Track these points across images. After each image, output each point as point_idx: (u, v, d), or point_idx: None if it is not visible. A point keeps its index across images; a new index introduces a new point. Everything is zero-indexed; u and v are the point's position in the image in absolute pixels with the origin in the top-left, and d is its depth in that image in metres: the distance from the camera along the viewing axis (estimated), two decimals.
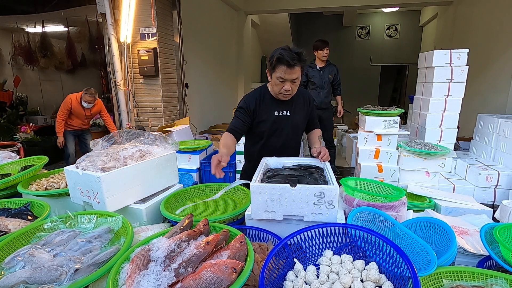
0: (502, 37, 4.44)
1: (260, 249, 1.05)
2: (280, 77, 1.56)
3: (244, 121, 1.72)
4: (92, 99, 4.06)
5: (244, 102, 1.74)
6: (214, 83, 6.54)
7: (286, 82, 1.58)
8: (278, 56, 1.52)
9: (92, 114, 4.30)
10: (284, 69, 1.52)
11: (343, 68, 10.61)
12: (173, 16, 4.56)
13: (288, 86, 1.58)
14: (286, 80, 1.57)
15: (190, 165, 3.39)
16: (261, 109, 1.72)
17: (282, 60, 1.51)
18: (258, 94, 1.74)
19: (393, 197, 1.27)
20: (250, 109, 1.71)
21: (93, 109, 4.25)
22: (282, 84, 1.59)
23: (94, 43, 5.84)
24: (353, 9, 8.63)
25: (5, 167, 1.86)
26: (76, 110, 4.15)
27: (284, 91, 1.60)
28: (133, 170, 1.34)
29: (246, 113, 1.72)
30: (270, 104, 1.73)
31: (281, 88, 1.60)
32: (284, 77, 1.55)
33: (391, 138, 2.93)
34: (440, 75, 2.95)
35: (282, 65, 1.52)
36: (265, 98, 1.73)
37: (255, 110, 1.72)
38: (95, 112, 4.31)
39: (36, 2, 5.26)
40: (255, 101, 1.72)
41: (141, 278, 0.79)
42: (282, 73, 1.54)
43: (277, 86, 1.61)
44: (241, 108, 1.73)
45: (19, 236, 1.05)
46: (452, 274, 0.88)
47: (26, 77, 6.79)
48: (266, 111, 1.72)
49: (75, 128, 4.34)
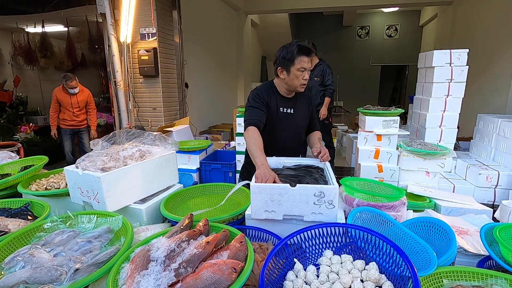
0: (502, 37, 4.44)
1: (260, 249, 1.05)
2: (302, 67, 1.61)
3: (264, 111, 1.68)
4: (74, 83, 4.09)
5: (257, 94, 1.72)
6: (214, 83, 6.54)
7: (306, 71, 1.63)
8: (297, 47, 1.59)
9: (79, 103, 4.28)
10: (305, 58, 1.60)
11: (343, 68, 10.67)
12: (173, 16, 4.56)
13: (307, 74, 1.65)
14: (306, 69, 1.63)
15: (190, 165, 3.39)
16: (270, 103, 1.74)
17: (303, 50, 1.59)
18: (268, 87, 1.77)
19: (393, 197, 1.27)
20: (265, 99, 1.71)
21: (79, 97, 4.25)
22: (303, 73, 1.63)
23: (94, 43, 5.84)
24: (353, 9, 8.63)
25: (5, 167, 1.86)
26: (63, 100, 4.23)
27: (304, 80, 1.65)
28: (133, 170, 1.34)
29: (263, 102, 1.70)
30: (276, 100, 1.76)
31: (301, 78, 1.64)
32: (305, 67, 1.62)
33: (391, 138, 2.93)
34: (440, 75, 2.95)
35: (303, 55, 1.59)
36: (274, 94, 1.76)
37: (268, 102, 1.73)
38: (82, 100, 4.29)
39: (36, 2, 5.26)
40: (267, 93, 1.74)
41: (141, 278, 0.79)
42: (303, 63, 1.61)
43: (298, 78, 1.64)
44: (258, 98, 1.70)
45: (19, 236, 1.05)
46: (452, 274, 0.88)
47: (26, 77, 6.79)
48: (273, 106, 1.75)
49: (69, 123, 4.35)
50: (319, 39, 10.72)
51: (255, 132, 1.56)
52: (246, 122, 1.64)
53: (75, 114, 4.32)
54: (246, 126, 1.62)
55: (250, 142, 1.52)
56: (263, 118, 1.66)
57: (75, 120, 4.35)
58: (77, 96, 4.23)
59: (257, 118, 1.63)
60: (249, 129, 1.59)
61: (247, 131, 1.59)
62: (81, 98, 4.28)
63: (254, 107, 1.67)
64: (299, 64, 1.60)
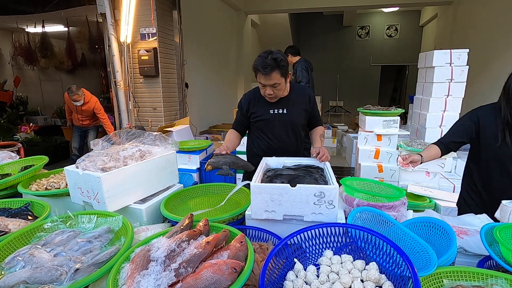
0: (502, 36, 4.44)
1: (260, 249, 1.05)
2: (260, 82, 1.66)
3: (240, 120, 1.90)
4: (76, 97, 4.19)
5: (240, 102, 1.90)
6: (214, 83, 6.54)
7: (267, 87, 1.66)
8: (253, 64, 1.63)
9: (83, 112, 4.43)
10: (261, 76, 1.61)
11: (343, 68, 10.68)
12: (173, 16, 4.56)
13: (269, 90, 1.66)
14: (266, 85, 1.65)
15: (190, 165, 3.38)
16: (255, 108, 1.82)
17: (257, 67, 1.60)
18: (253, 94, 1.86)
19: (393, 197, 1.27)
20: (243, 109, 1.86)
21: (84, 107, 4.36)
22: (264, 88, 1.68)
23: (94, 43, 5.84)
24: (353, 9, 8.63)
25: (5, 167, 1.86)
26: (70, 106, 4.48)
27: (267, 95, 1.70)
28: (133, 170, 1.34)
29: (242, 113, 1.88)
30: (265, 103, 1.80)
31: (264, 92, 1.69)
32: (263, 83, 1.64)
33: (391, 138, 2.93)
34: (440, 75, 2.95)
35: (258, 72, 1.61)
36: (261, 98, 1.80)
37: (248, 110, 1.84)
38: (87, 110, 4.42)
39: (36, 2, 5.26)
40: (248, 102, 1.84)
41: (141, 278, 0.79)
42: (261, 79, 1.63)
43: (261, 90, 1.72)
44: (239, 108, 1.90)
45: (19, 236, 1.05)
46: (452, 274, 0.88)
47: (26, 77, 6.80)
48: (261, 110, 1.81)
49: (78, 123, 4.60)
50: (319, 39, 10.74)
51: (231, 133, 1.91)
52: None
53: (81, 119, 4.56)
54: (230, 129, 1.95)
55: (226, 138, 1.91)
56: (241, 127, 1.93)
57: (81, 123, 4.60)
58: (81, 107, 4.39)
59: (236, 126, 1.93)
60: (229, 132, 1.94)
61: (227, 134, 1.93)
62: (86, 108, 4.42)
63: (237, 115, 1.93)
64: (258, 79, 1.65)
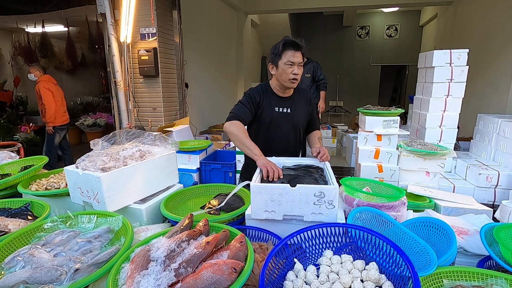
0: (502, 36, 4.44)
1: (260, 249, 1.05)
2: (289, 60, 1.62)
3: (250, 110, 1.70)
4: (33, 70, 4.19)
5: (249, 93, 1.76)
6: (214, 83, 6.53)
7: (294, 66, 1.63)
8: (283, 42, 1.62)
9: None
10: (292, 52, 1.61)
11: (343, 68, 10.67)
12: (173, 16, 4.55)
13: (296, 69, 1.63)
14: (294, 64, 1.62)
15: (190, 165, 3.38)
16: (263, 103, 1.76)
17: (288, 44, 1.61)
18: (261, 88, 1.79)
19: (393, 197, 1.27)
20: (256, 100, 1.73)
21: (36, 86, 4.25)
22: (291, 68, 1.63)
23: (94, 43, 5.85)
24: (353, 9, 8.63)
25: (5, 167, 1.86)
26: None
27: (293, 75, 1.64)
28: (133, 170, 1.34)
29: (252, 102, 1.72)
30: (271, 100, 1.77)
31: (290, 72, 1.63)
32: (292, 60, 1.61)
33: (391, 138, 2.93)
34: (440, 75, 2.95)
35: (289, 49, 1.61)
36: (268, 94, 1.77)
37: (259, 103, 1.75)
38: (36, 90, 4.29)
39: (36, 2, 5.27)
40: (259, 94, 1.76)
41: (141, 278, 0.79)
42: (290, 57, 1.61)
43: (286, 72, 1.64)
44: (249, 97, 1.73)
45: (19, 236, 1.05)
46: (452, 274, 0.88)
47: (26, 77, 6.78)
48: (267, 107, 1.76)
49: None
50: (319, 39, 10.73)
51: (241, 125, 1.61)
52: (231, 115, 1.66)
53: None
54: (231, 118, 1.64)
55: (240, 133, 1.56)
56: (248, 117, 1.70)
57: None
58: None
59: (243, 115, 1.66)
60: (235, 122, 1.61)
61: (232, 123, 1.60)
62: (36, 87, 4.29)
63: (243, 104, 1.71)
64: (285, 57, 1.62)
